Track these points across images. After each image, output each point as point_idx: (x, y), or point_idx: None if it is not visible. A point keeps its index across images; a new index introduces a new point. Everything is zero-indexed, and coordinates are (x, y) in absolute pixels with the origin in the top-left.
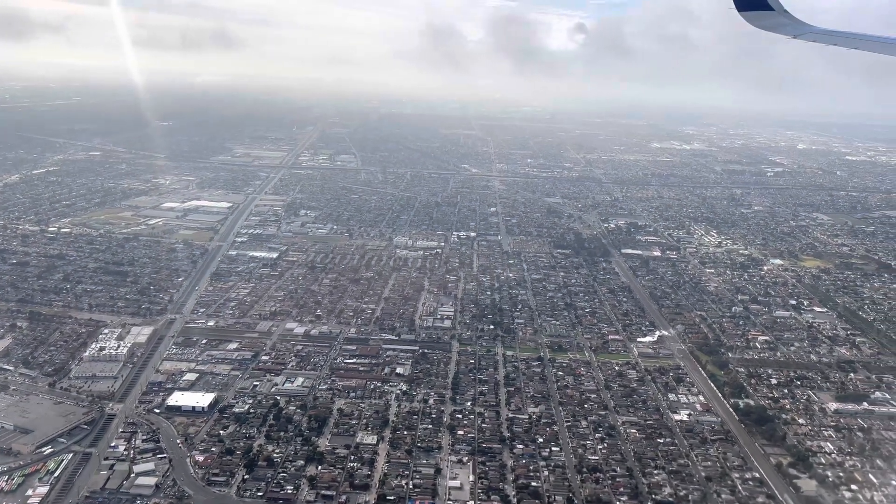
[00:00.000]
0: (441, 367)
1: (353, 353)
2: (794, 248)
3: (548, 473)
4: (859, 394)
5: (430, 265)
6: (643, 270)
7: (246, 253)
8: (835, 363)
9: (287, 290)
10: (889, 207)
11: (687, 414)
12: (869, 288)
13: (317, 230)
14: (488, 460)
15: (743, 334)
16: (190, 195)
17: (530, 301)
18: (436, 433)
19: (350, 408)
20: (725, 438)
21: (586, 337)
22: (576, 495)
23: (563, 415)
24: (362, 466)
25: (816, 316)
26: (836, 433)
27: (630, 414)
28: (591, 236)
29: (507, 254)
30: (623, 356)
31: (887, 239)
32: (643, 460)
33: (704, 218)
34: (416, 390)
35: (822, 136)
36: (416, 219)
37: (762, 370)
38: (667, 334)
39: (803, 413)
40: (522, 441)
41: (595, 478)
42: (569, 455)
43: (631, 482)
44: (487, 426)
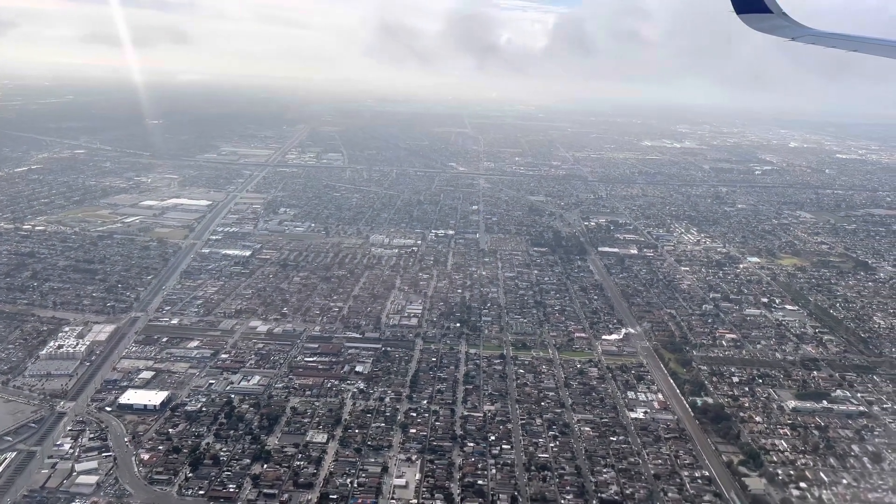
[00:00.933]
0: (402, 366)
1: (313, 352)
2: (772, 247)
3: (495, 471)
4: (820, 392)
5: (405, 263)
6: (618, 268)
7: (219, 251)
8: (799, 361)
9: (256, 289)
10: (874, 205)
11: (643, 412)
12: (843, 286)
13: (294, 228)
14: (437, 458)
15: (710, 332)
16: (170, 193)
17: (500, 299)
18: (388, 432)
19: (304, 406)
20: (679, 436)
21: (552, 335)
22: (521, 493)
23: (519, 413)
24: (309, 465)
25: (787, 314)
26: (792, 431)
27: (586, 412)
28: (569, 234)
29: (483, 252)
30: (587, 354)
31: (868, 237)
32: (593, 458)
33: (686, 216)
34: (373, 389)
35: (815, 134)
36: (395, 217)
37: (725, 368)
38: (633, 332)
39: (761, 411)
40: (474, 439)
41: (543, 476)
42: (519, 453)
43: (578, 480)
44: (441, 424)
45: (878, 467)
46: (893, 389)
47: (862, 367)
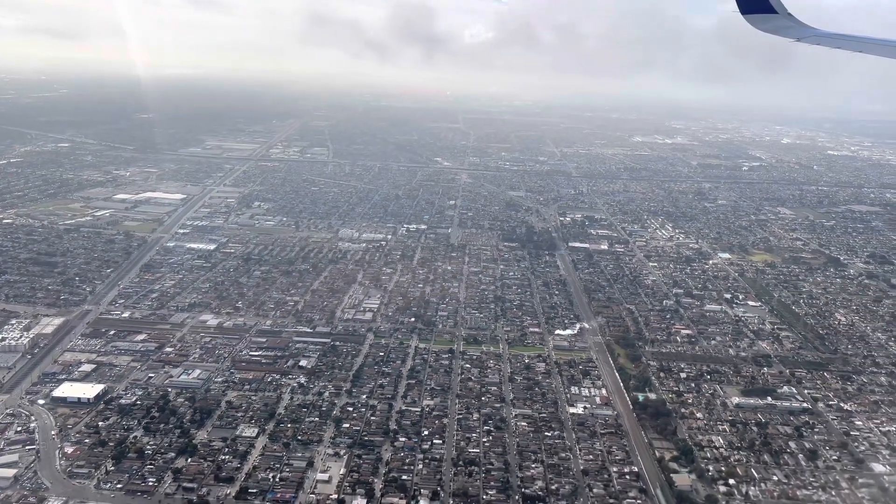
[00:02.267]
0: (347, 360)
1: (260, 346)
2: (746, 243)
3: (422, 466)
4: (766, 388)
5: (370, 258)
6: (585, 264)
7: (184, 245)
8: (751, 358)
9: (214, 282)
10: (856, 202)
11: (583, 407)
12: (811, 282)
13: (264, 222)
14: (366, 453)
15: (666, 328)
16: (146, 187)
17: (461, 294)
18: (321, 426)
19: (240, 400)
20: (615, 432)
21: (506, 330)
22: (444, 489)
23: (458, 408)
24: (234, 459)
25: (748, 310)
26: (731, 428)
27: (526, 407)
28: (542, 230)
29: (452, 247)
30: (538, 349)
31: (845, 233)
32: (524, 454)
33: (664, 212)
34: (314, 383)
35: (811, 131)
36: (370, 211)
37: (675, 364)
38: (588, 327)
39: (703, 407)
40: (407, 434)
41: (469, 471)
42: (450, 448)
43: (505, 476)
44: (376, 419)
45: (811, 464)
46: (841, 386)
47: (814, 363)
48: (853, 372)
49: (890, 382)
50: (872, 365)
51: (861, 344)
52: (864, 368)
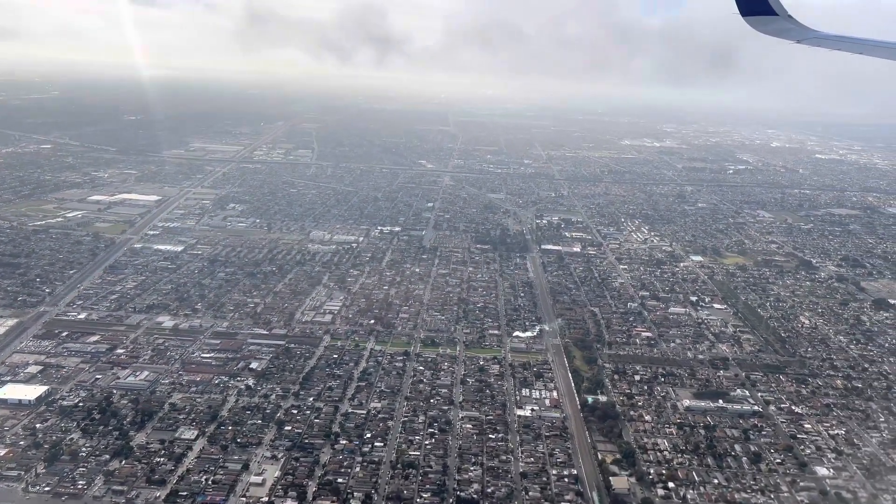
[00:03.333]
0: (300, 363)
1: (213, 348)
2: (720, 246)
3: (359, 469)
4: (719, 391)
5: (339, 260)
6: (555, 266)
7: (151, 246)
8: (708, 360)
9: (176, 284)
10: (837, 205)
11: (531, 409)
12: (780, 285)
13: (236, 223)
14: (304, 456)
15: (627, 330)
16: (123, 188)
17: (425, 296)
18: (262, 429)
19: (184, 402)
20: (560, 435)
21: (465, 332)
22: (378, 491)
23: (405, 410)
24: (169, 461)
25: (712, 313)
26: (678, 431)
27: (474, 409)
28: (517, 232)
29: (424, 249)
30: (494, 351)
31: (821, 237)
32: (464, 456)
33: (642, 214)
34: (262, 385)
35: (802, 134)
36: (345, 213)
37: (631, 366)
38: (548, 329)
39: (653, 410)
40: (349, 437)
41: (406, 474)
42: (390, 451)
43: (442, 478)
44: (319, 421)
45: (754, 468)
46: (795, 389)
47: (772, 366)
48: (810, 375)
49: (845, 385)
50: (830, 368)
51: (822, 347)
52: (820, 371)
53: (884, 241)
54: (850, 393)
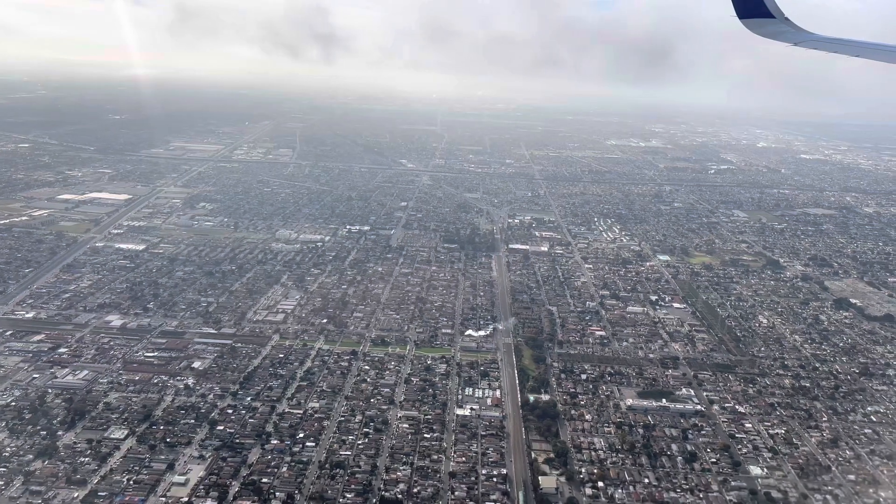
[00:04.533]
0: (243, 362)
1: (158, 347)
2: (690, 245)
3: (286, 469)
4: (664, 390)
5: (301, 259)
6: (520, 265)
7: (113, 245)
8: (659, 359)
9: (132, 283)
10: (814, 205)
11: (471, 409)
12: (743, 285)
13: (203, 222)
14: (232, 456)
15: (582, 329)
16: (95, 187)
17: (383, 295)
18: (194, 428)
19: (119, 402)
20: (496, 434)
21: (418, 331)
22: (301, 491)
23: (343, 410)
24: (93, 462)
25: (671, 312)
26: (616, 430)
27: (413, 409)
28: (487, 231)
29: (390, 248)
30: (445, 350)
31: (793, 236)
32: (396, 456)
33: (616, 214)
34: (201, 385)
35: (790, 135)
36: (316, 212)
37: (579, 365)
38: (501, 328)
39: (594, 409)
40: (281, 437)
41: (333, 474)
42: (321, 451)
43: (369, 478)
44: (254, 421)
45: (687, 467)
46: (742, 388)
47: (721, 365)
48: (759, 374)
49: (793, 384)
50: (780, 367)
51: (775, 346)
52: (770, 371)
53: (855, 241)
54: (797, 392)
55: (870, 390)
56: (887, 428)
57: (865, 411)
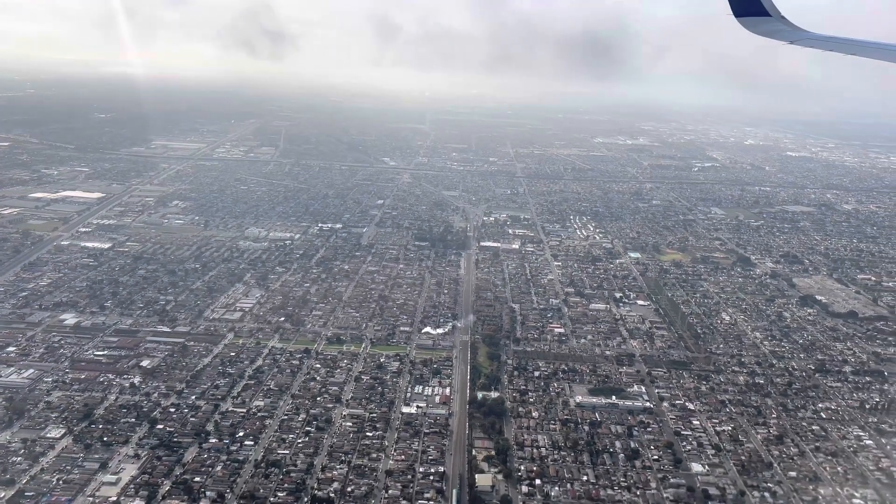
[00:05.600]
0: (193, 360)
1: (109, 345)
2: (662, 242)
3: (221, 468)
4: (615, 387)
5: (267, 257)
6: (488, 263)
7: (78, 243)
8: (615, 356)
9: (92, 281)
10: (794, 202)
11: (417, 406)
12: (711, 282)
13: (173, 220)
14: (167, 455)
15: (542, 326)
16: (69, 186)
17: (346, 293)
18: (134, 427)
19: (62, 401)
20: (440, 432)
21: (376, 329)
22: (233, 490)
23: (288, 408)
24: (25, 461)
25: (633, 309)
26: (562, 427)
27: (360, 407)
28: (460, 229)
29: (360, 246)
30: (400, 348)
31: (769, 233)
32: (334, 454)
33: (593, 212)
34: (147, 383)
35: (780, 132)
36: (289, 210)
37: (533, 362)
38: (460, 325)
39: (542, 406)
40: (221, 435)
41: (267, 473)
42: (259, 450)
43: (304, 477)
44: (196, 420)
45: (628, 465)
46: (695, 385)
47: (677, 362)
48: (714, 371)
49: (746, 382)
50: (737, 364)
51: (735, 343)
52: (726, 368)
53: (829, 238)
54: (750, 389)
55: (823, 387)
56: (835, 424)
57: (816, 408)
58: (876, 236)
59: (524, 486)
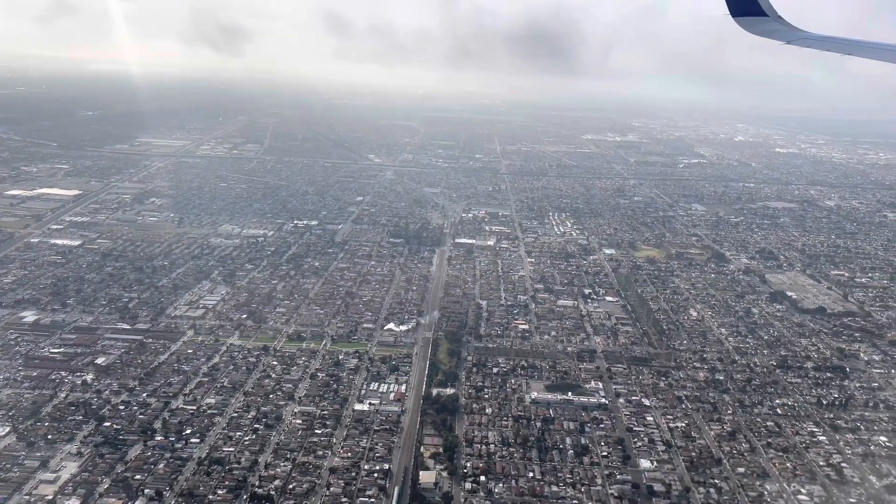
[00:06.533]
0: (149, 357)
1: (66, 343)
2: (639, 239)
3: (163, 466)
4: (572, 384)
5: (238, 254)
6: (461, 259)
7: (48, 241)
8: (576, 352)
9: (57, 278)
10: (777, 198)
11: (370, 403)
12: (683, 278)
13: (148, 218)
14: (111, 453)
15: (507, 323)
16: (47, 183)
17: (313, 290)
18: (80, 425)
19: (11, 399)
20: (390, 429)
21: (339, 326)
22: (173, 488)
23: (239, 406)
24: None
25: (601, 305)
26: (514, 423)
27: (312, 404)
28: (437, 226)
29: (333, 243)
30: (361, 345)
31: (747, 230)
32: (280, 452)
33: (573, 208)
34: (100, 381)
35: (770, 129)
36: (267, 207)
37: (494, 359)
38: (424, 322)
39: (497, 403)
40: (168, 433)
41: (210, 470)
42: (204, 448)
43: (246, 475)
44: (144, 417)
45: (576, 461)
46: (653, 382)
47: (639, 358)
48: (675, 367)
49: (706, 378)
50: (698, 360)
51: (699, 339)
52: (687, 364)
53: (808, 234)
54: (709, 385)
55: (783, 383)
56: (790, 420)
57: (773, 404)
58: (855, 232)
59: (468, 483)
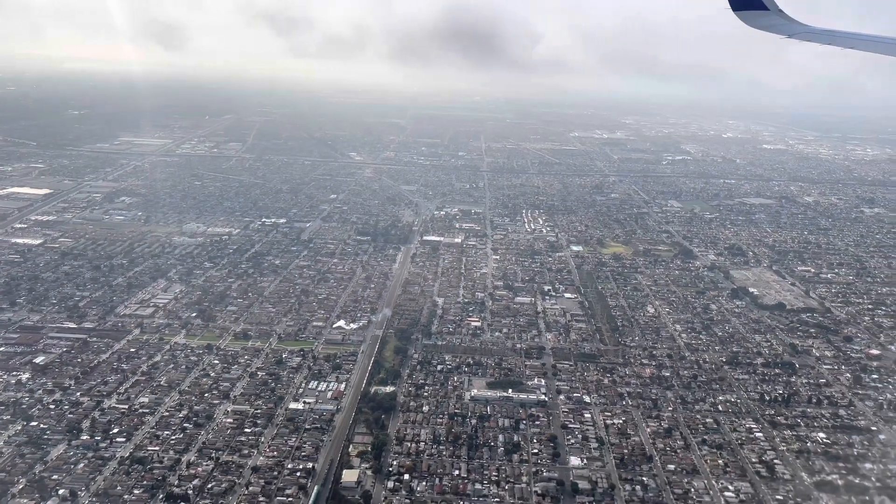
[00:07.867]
0: (90, 356)
1: (8, 342)
2: (608, 236)
3: (83, 466)
4: (513, 381)
5: (199, 252)
6: (425, 257)
7: (8, 240)
8: (525, 349)
9: (11, 277)
10: (756, 195)
11: (305, 402)
12: (646, 275)
13: (115, 217)
14: (32, 452)
15: (460, 320)
16: (18, 182)
17: (269, 288)
18: (7, 424)
19: None
20: (320, 427)
21: (288, 324)
22: (88, 488)
23: (173, 405)
24: None
25: (559, 302)
26: (449, 421)
27: (247, 403)
28: (407, 224)
29: (298, 241)
30: (308, 343)
31: (720, 226)
32: (204, 451)
33: (548, 205)
34: (36, 380)
35: (760, 126)
36: (237, 206)
37: (440, 356)
38: (375, 320)
39: (436, 401)
40: (95, 432)
41: (130, 469)
42: (128, 447)
43: (166, 474)
44: (73, 417)
45: (505, 459)
46: (597, 378)
47: (587, 355)
48: (621, 364)
49: (652, 374)
50: (647, 357)
51: (652, 335)
52: (634, 360)
53: (781, 230)
54: (653, 382)
55: (729, 379)
56: (730, 417)
57: (715, 400)
58: (829, 228)
59: (391, 482)
